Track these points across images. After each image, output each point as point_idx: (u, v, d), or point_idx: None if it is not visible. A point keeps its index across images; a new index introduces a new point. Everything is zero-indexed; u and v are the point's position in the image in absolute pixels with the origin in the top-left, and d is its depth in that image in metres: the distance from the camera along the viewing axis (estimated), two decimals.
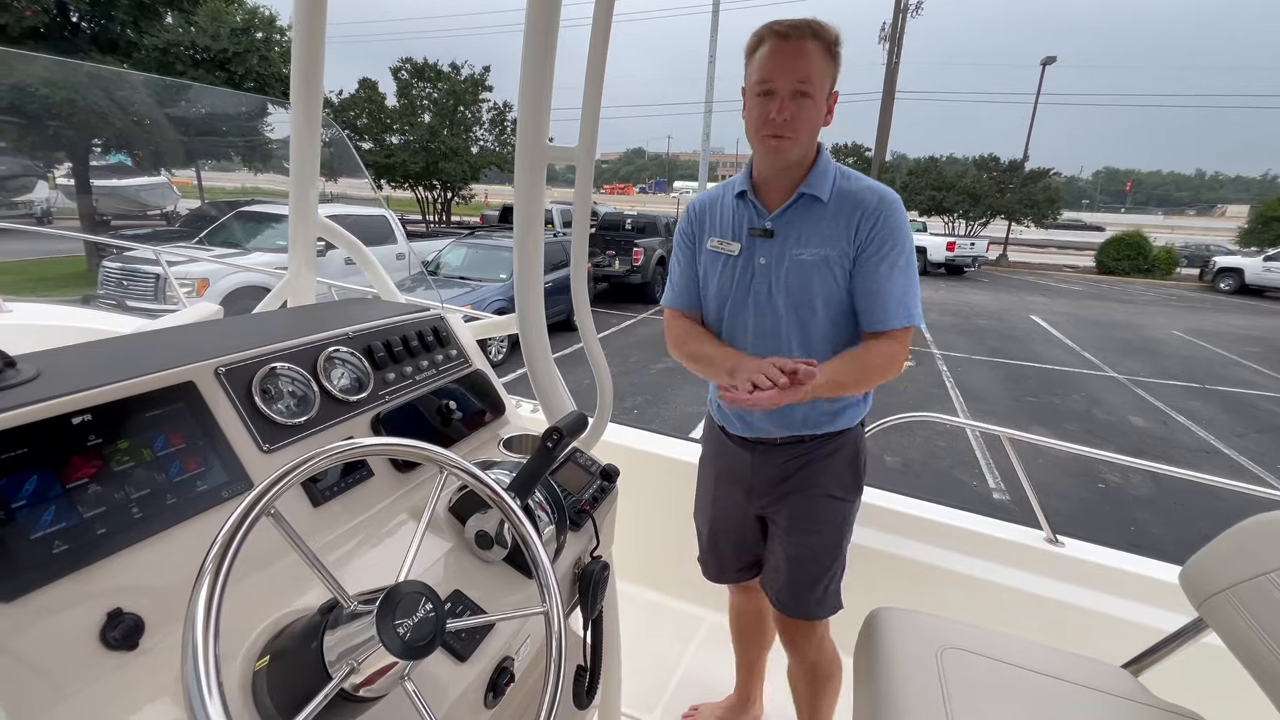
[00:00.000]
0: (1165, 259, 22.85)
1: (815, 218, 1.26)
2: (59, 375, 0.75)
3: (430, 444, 0.71)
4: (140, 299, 6.98)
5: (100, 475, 0.68)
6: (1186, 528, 4.66)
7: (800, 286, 1.27)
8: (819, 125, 1.23)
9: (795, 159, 1.25)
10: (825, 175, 1.27)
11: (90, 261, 9.96)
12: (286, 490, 0.55)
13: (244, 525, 0.51)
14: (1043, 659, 1.06)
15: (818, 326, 1.29)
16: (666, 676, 1.87)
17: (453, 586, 0.83)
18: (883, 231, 1.22)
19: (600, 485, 1.14)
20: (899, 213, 1.24)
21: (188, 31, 10.59)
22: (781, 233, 1.29)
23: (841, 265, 1.25)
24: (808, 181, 1.26)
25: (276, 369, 0.92)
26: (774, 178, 1.30)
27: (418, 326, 1.21)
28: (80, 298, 7.73)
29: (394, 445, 0.68)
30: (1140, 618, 1.54)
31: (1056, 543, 1.72)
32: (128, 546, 0.67)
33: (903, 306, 1.23)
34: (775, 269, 1.29)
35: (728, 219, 1.37)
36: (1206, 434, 6.73)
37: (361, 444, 0.63)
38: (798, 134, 1.20)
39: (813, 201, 1.27)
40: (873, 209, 1.23)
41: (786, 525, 1.40)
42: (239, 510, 0.51)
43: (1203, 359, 10.41)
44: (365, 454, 0.63)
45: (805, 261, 1.26)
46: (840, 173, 1.29)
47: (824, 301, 1.27)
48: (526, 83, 1.14)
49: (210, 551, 0.51)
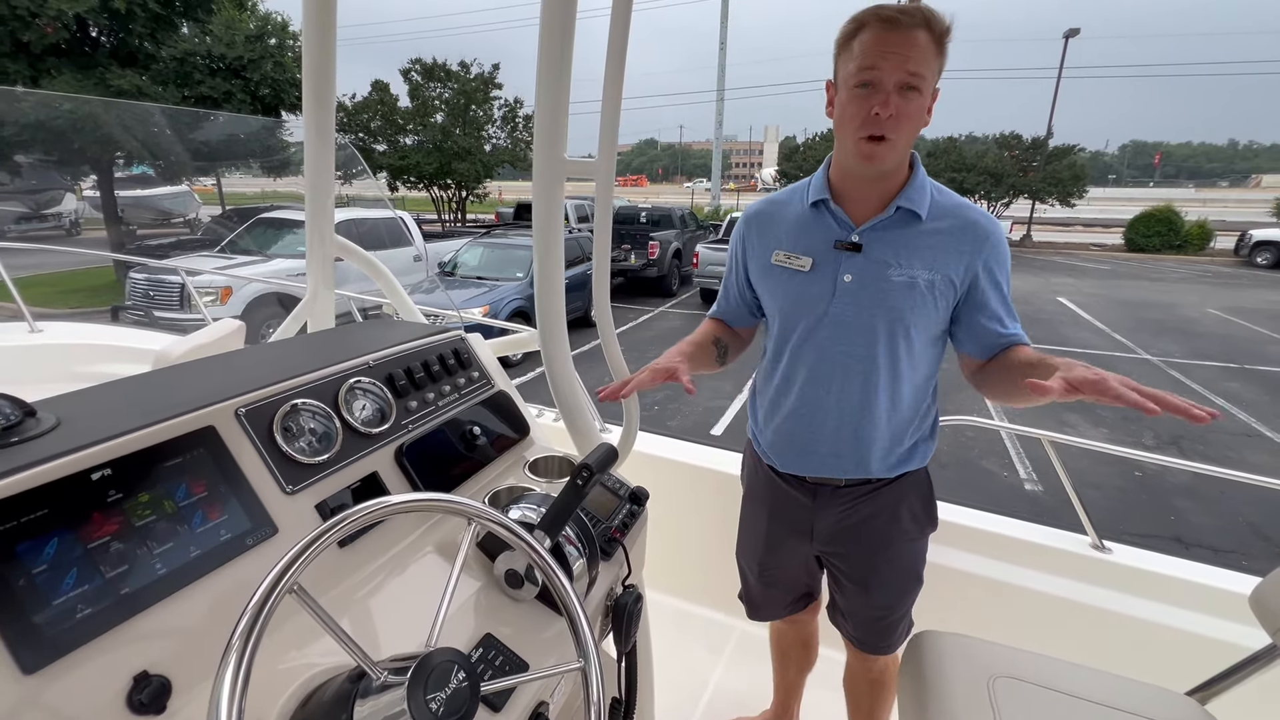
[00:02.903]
0: (1198, 234, 22.07)
1: (914, 234, 1.13)
2: (78, 424, 0.74)
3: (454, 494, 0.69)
4: (167, 308, 7.12)
5: (122, 531, 0.66)
6: (1229, 516, 4.49)
7: (900, 310, 1.13)
8: (921, 122, 1.07)
9: (891, 166, 1.10)
10: (923, 190, 1.14)
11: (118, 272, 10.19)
12: (310, 564, 0.52)
13: (267, 605, 0.48)
14: (1101, 687, 1.01)
15: (911, 355, 1.17)
16: (699, 690, 1.84)
17: (484, 630, 0.80)
18: (1001, 257, 1.14)
19: (630, 510, 1.11)
20: (1004, 235, 1.16)
21: (203, 41, 10.71)
22: (872, 249, 1.14)
23: (945, 294, 1.13)
24: (905, 195, 1.12)
25: (298, 405, 0.89)
26: (861, 186, 1.15)
27: (439, 349, 1.19)
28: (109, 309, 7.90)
29: (418, 501, 0.65)
30: (1198, 628, 1.46)
31: (1103, 549, 1.65)
32: (152, 605, 0.65)
33: (1019, 329, 1.16)
34: (864, 289, 1.15)
35: (798, 230, 1.22)
36: (1248, 417, 6.50)
37: (388, 503, 0.61)
38: (899, 134, 1.05)
39: (910, 217, 1.13)
40: (988, 236, 1.12)
41: (861, 575, 1.32)
42: (261, 590, 0.49)
43: (1241, 338, 10.04)
44: (391, 513, 0.61)
45: (902, 284, 1.12)
46: (934, 188, 1.17)
47: (922, 327, 1.15)
48: (542, 97, 1.10)
49: (235, 630, 0.48)
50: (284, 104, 11.77)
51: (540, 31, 1.06)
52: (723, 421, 6.18)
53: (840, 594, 1.38)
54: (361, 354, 1.06)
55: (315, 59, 1.27)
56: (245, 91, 11.11)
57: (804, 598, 1.50)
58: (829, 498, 1.28)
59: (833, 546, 1.32)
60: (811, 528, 1.32)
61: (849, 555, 1.31)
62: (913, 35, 1.00)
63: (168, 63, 10.50)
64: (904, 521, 1.27)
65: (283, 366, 0.96)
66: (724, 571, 1.74)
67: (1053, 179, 24.82)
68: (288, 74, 11.29)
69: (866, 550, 1.29)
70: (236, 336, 2.02)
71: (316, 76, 1.28)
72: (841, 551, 1.32)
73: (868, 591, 1.32)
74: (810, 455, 1.26)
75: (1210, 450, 5.72)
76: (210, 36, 10.70)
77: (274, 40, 11.44)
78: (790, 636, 1.62)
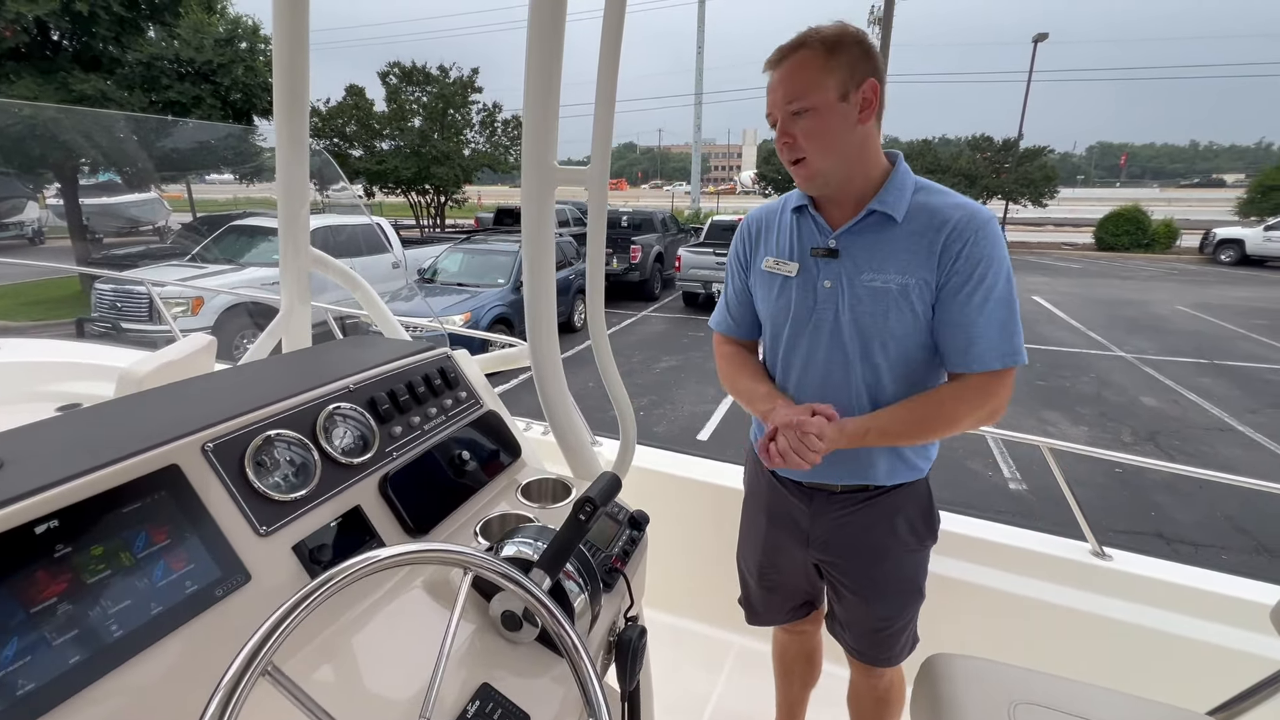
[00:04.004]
0: (1164, 232, 22.67)
1: (889, 239, 1.11)
2: (25, 464, 0.66)
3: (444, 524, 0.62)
4: (135, 320, 6.87)
5: (70, 590, 0.59)
6: (1207, 510, 4.57)
7: (872, 316, 1.11)
8: (840, 133, 1.07)
9: (833, 178, 1.11)
10: (901, 191, 1.11)
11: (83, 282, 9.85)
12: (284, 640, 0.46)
13: (236, 692, 0.42)
14: (1121, 710, 0.98)
15: (891, 364, 1.14)
16: (699, 711, 1.79)
17: (480, 679, 0.74)
18: (974, 255, 1.05)
19: (630, 536, 1.05)
20: (993, 231, 1.06)
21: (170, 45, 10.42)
22: (848, 253, 1.14)
23: (922, 297, 1.09)
24: (879, 197, 1.11)
25: (271, 436, 0.82)
26: (835, 192, 1.15)
27: (423, 369, 1.12)
28: (74, 321, 7.62)
29: (405, 555, 0.58)
30: (1210, 637, 1.43)
31: (1104, 556, 1.63)
32: (108, 672, 0.58)
33: (1002, 343, 1.06)
34: (842, 294, 1.14)
35: (785, 236, 1.23)
36: (1220, 411, 6.64)
37: (371, 559, 0.54)
38: (810, 152, 1.08)
39: (884, 220, 1.11)
40: (961, 229, 1.05)
41: (859, 585, 1.29)
42: (229, 675, 0.42)
43: (1210, 334, 10.31)
44: (376, 569, 0.54)
45: (878, 289, 1.10)
46: (920, 187, 1.13)
47: (901, 335, 1.11)
48: (531, 104, 1.05)
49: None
50: (256, 109, 11.51)
51: (528, 39, 1.00)
52: (709, 426, 6.14)
53: (839, 604, 1.36)
54: (341, 376, 0.99)
55: (286, 64, 1.19)
56: (215, 96, 10.84)
57: (804, 605, 1.47)
58: (824, 503, 1.27)
59: (829, 555, 1.30)
60: (808, 533, 1.30)
61: (847, 566, 1.29)
62: (789, 65, 1.06)
63: (133, 67, 10.20)
64: (901, 532, 1.25)
65: (255, 393, 0.88)
66: (719, 586, 1.69)
67: (1025, 180, 25.33)
68: (259, 78, 11.04)
69: (864, 561, 1.27)
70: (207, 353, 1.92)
71: (288, 82, 1.21)
72: (839, 561, 1.30)
73: (866, 603, 1.30)
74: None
75: (1186, 445, 5.84)
76: (178, 40, 10.42)
77: (245, 44, 11.19)
78: (793, 650, 1.58)
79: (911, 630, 1.34)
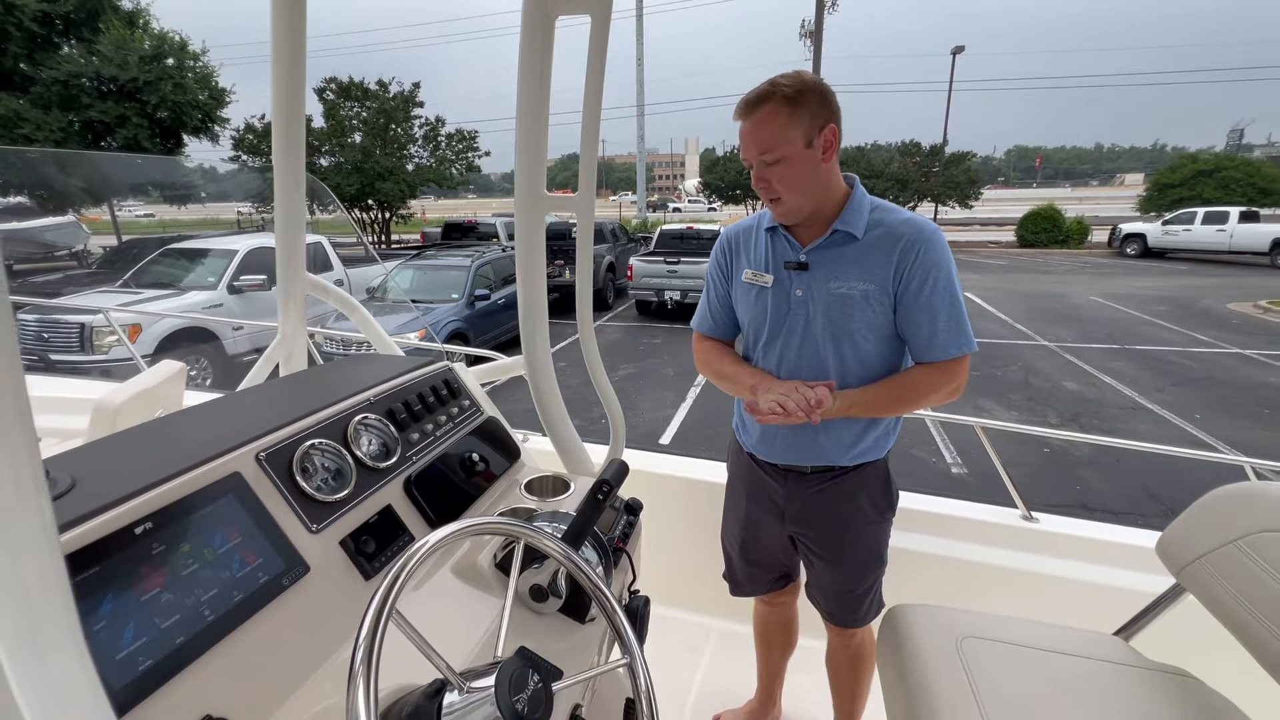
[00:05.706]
0: (1077, 229, 24.46)
1: (851, 252, 1.28)
2: (97, 482, 0.74)
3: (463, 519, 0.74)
4: (65, 352, 6.50)
5: (170, 582, 0.68)
6: (1124, 482, 5.04)
7: (841, 318, 1.29)
8: (807, 175, 1.23)
9: (803, 210, 1.28)
10: (859, 213, 1.28)
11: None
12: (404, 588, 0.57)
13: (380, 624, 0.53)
14: (1048, 636, 1.17)
15: (859, 356, 1.31)
16: (685, 690, 1.92)
17: (515, 644, 0.85)
18: (924, 264, 1.23)
19: (628, 520, 1.18)
20: (938, 243, 1.25)
21: (90, 62, 9.93)
22: (817, 267, 1.30)
23: (882, 301, 1.26)
24: (841, 219, 1.28)
25: (312, 445, 0.92)
26: (806, 219, 1.31)
27: (430, 381, 1.22)
28: None
29: (492, 524, 0.71)
30: (1118, 581, 1.69)
31: (1032, 519, 1.86)
32: (205, 650, 0.67)
33: (958, 335, 1.26)
34: (813, 301, 1.31)
35: (760, 252, 1.39)
36: (1131, 391, 7.28)
37: (469, 524, 0.67)
38: (784, 191, 1.24)
39: (847, 237, 1.28)
40: (913, 242, 1.24)
41: (828, 553, 1.46)
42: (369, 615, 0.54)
43: (1120, 321, 11.23)
44: (469, 534, 0.66)
45: (844, 295, 1.28)
46: (875, 205, 1.31)
47: (866, 331, 1.29)
48: (523, 135, 1.17)
49: (354, 658, 0.52)
50: (185, 127, 11.08)
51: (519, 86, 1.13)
52: (669, 431, 6.31)
53: (812, 571, 1.54)
54: (359, 390, 1.08)
55: (284, 105, 1.28)
56: (141, 115, 10.37)
57: (782, 578, 1.64)
58: (797, 483, 1.44)
59: (802, 527, 1.47)
60: (783, 509, 1.47)
61: (818, 536, 1.47)
62: (757, 118, 1.20)
63: (49, 85, 9.66)
64: (864, 506, 1.43)
65: (288, 408, 0.97)
66: (699, 574, 1.84)
67: (951, 183, 26.89)
68: (189, 95, 10.65)
69: (832, 531, 1.45)
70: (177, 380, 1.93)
71: (286, 123, 1.29)
72: (811, 533, 1.47)
73: (834, 568, 1.47)
74: (778, 445, 1.43)
75: (1104, 423, 6.38)
76: (98, 57, 9.93)
77: (172, 60, 10.76)
78: (772, 621, 1.74)
79: (877, 594, 1.52)
